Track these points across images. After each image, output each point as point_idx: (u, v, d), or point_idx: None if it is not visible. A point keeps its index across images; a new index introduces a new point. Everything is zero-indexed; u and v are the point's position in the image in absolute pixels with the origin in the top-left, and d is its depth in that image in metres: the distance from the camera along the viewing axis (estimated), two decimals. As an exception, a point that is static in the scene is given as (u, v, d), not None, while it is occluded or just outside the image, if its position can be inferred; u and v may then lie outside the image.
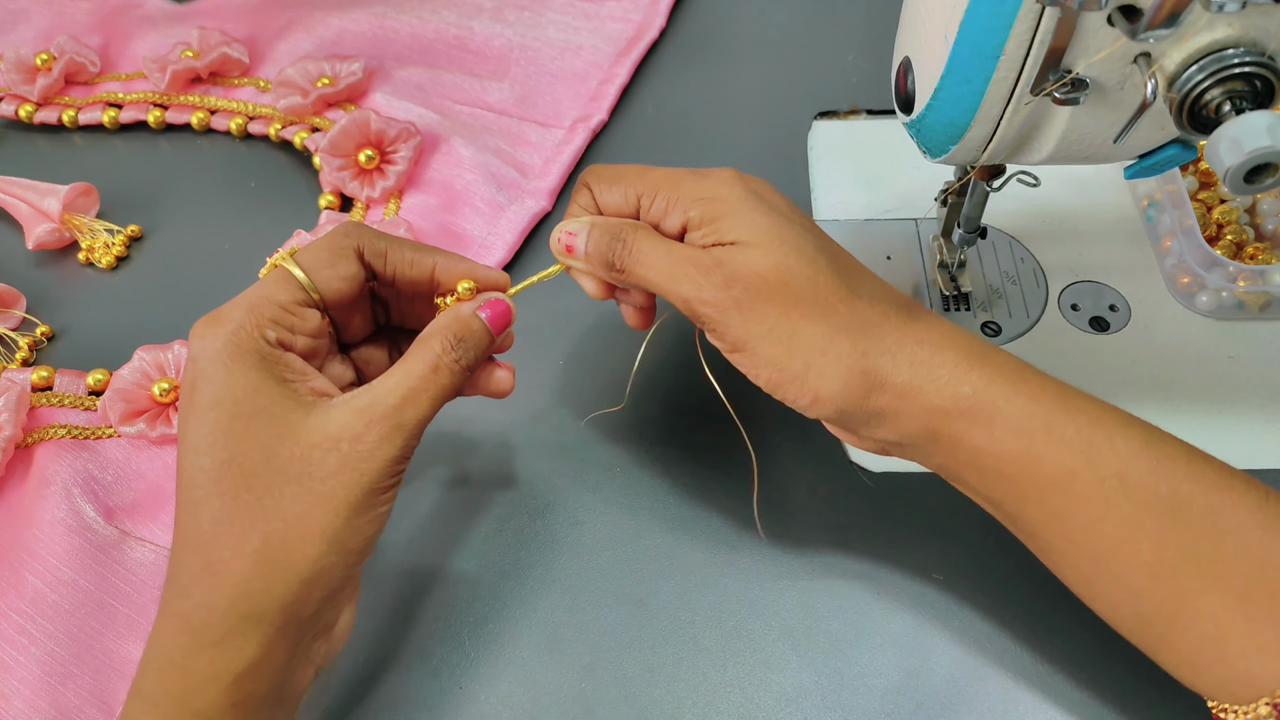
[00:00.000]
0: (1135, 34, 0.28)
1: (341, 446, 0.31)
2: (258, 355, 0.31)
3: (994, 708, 0.36)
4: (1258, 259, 0.47)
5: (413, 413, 0.32)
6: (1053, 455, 0.31)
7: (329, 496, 0.31)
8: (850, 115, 0.57)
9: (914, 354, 0.32)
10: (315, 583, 0.31)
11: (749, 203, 0.34)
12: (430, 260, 0.35)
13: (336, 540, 0.31)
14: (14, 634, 0.38)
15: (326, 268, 0.33)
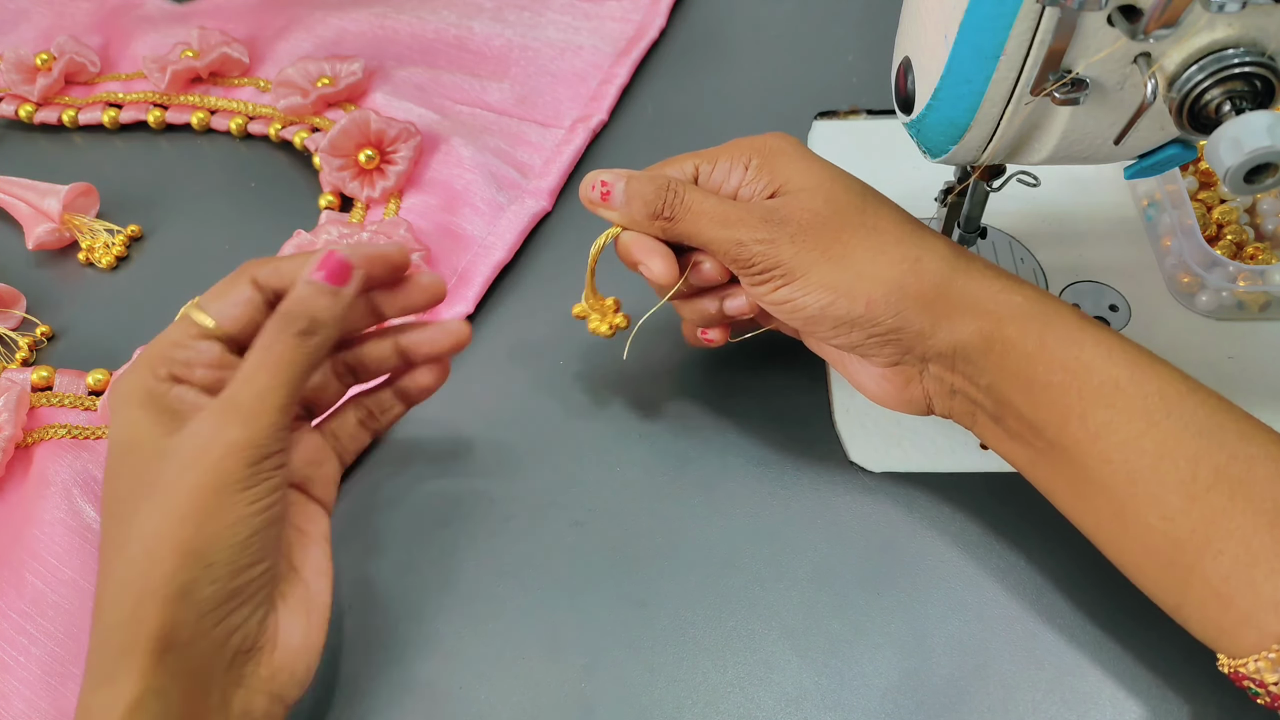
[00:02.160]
0: (1135, 34, 0.28)
1: (184, 446, 0.30)
2: (145, 393, 0.31)
3: (994, 707, 0.36)
4: (1258, 259, 0.47)
5: (248, 392, 0.30)
6: (1101, 365, 0.32)
7: (174, 506, 0.29)
8: (850, 115, 0.57)
9: (967, 264, 0.35)
10: (180, 602, 0.29)
11: (801, 151, 0.37)
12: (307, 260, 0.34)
13: (191, 552, 0.29)
14: (14, 634, 0.38)
15: (218, 300, 0.33)
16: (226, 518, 0.30)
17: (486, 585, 0.40)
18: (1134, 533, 0.32)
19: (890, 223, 0.35)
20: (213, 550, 0.29)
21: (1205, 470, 0.30)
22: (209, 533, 0.29)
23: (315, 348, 0.32)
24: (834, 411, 0.44)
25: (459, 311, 0.47)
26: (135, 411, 0.31)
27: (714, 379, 0.45)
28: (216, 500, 0.29)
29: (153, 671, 0.29)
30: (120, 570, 0.30)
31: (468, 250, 0.50)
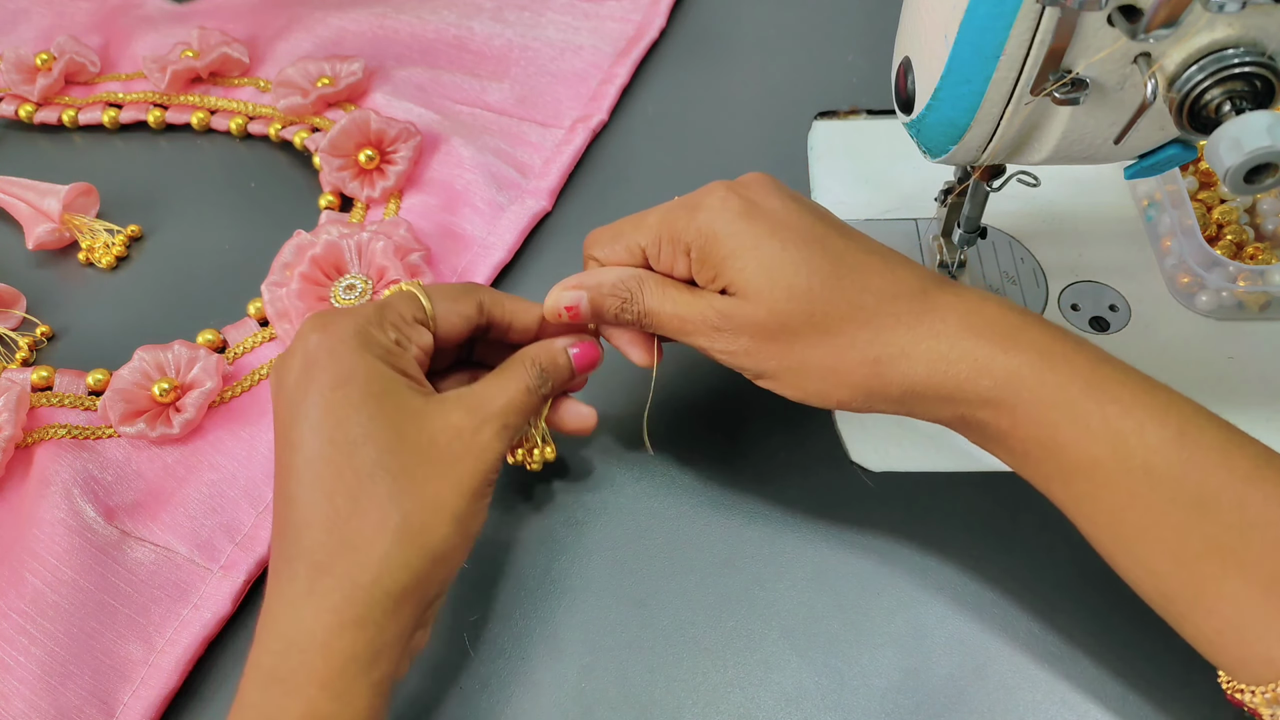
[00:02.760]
0: (1135, 34, 0.28)
1: (464, 435, 0.33)
2: (382, 348, 0.34)
3: (994, 707, 0.36)
4: (1258, 259, 0.47)
5: (514, 419, 0.35)
6: (1077, 444, 0.31)
7: (458, 480, 0.33)
8: (850, 115, 0.57)
9: (930, 350, 0.32)
10: (443, 562, 0.32)
11: (738, 238, 0.34)
12: (537, 313, 0.38)
13: (461, 521, 0.32)
14: (14, 634, 0.38)
15: (448, 301, 0.37)
16: (483, 503, 0.34)
17: (485, 585, 0.40)
18: (1125, 575, 0.32)
19: (841, 319, 0.33)
20: (473, 526, 0.33)
21: (1195, 541, 0.29)
22: (473, 511, 0.33)
23: (542, 401, 0.37)
24: (834, 411, 0.44)
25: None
26: (372, 359, 0.33)
27: (714, 379, 0.45)
28: (482, 489, 0.33)
29: (409, 619, 0.31)
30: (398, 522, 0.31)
31: (468, 250, 0.50)
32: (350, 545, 0.31)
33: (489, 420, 0.34)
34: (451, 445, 0.33)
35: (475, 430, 0.33)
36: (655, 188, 0.54)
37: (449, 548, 0.32)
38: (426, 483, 0.32)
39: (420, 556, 0.31)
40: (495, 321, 0.38)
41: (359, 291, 0.45)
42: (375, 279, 0.46)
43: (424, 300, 0.36)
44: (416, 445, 0.32)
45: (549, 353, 0.37)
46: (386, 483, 0.31)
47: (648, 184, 0.54)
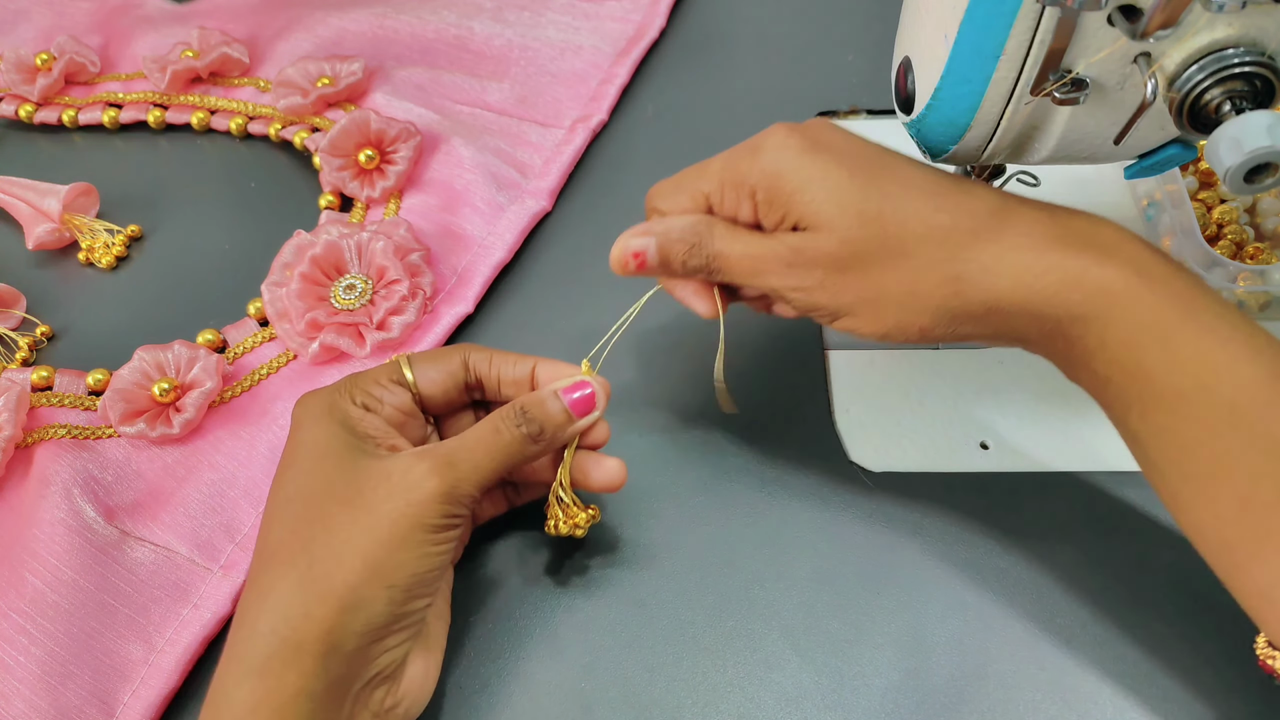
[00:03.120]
0: (1135, 34, 0.28)
1: (392, 477, 0.32)
2: (343, 413, 0.34)
3: (994, 707, 0.36)
4: (1258, 259, 0.47)
5: (467, 459, 0.33)
6: (1165, 373, 0.29)
7: (373, 525, 0.31)
8: (850, 115, 0.57)
9: (1014, 263, 0.31)
10: (354, 612, 0.30)
11: (804, 172, 0.33)
12: (530, 364, 0.37)
13: (377, 570, 0.31)
14: (14, 634, 0.38)
15: (429, 361, 0.37)
16: (414, 550, 0.32)
17: (486, 586, 0.40)
18: (1186, 522, 0.31)
19: (916, 239, 0.32)
20: (395, 574, 0.31)
21: (1266, 488, 0.28)
22: (397, 559, 0.31)
23: (534, 453, 0.35)
24: (834, 411, 0.44)
25: (459, 312, 0.47)
26: (331, 425, 0.34)
27: (714, 379, 0.45)
28: (411, 533, 0.31)
29: (310, 671, 0.30)
30: (302, 569, 0.31)
31: (468, 250, 0.50)
32: (260, 595, 0.31)
33: (427, 458, 0.32)
34: (376, 490, 0.32)
35: (406, 470, 0.32)
36: (655, 188, 0.54)
37: (357, 597, 0.30)
38: (339, 529, 0.31)
39: (321, 604, 0.30)
40: (483, 378, 0.37)
41: (359, 291, 0.45)
42: (375, 279, 0.46)
43: (404, 363, 0.36)
44: (343, 497, 0.32)
45: (536, 396, 0.35)
46: (303, 533, 0.32)
47: (648, 184, 0.54)
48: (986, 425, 0.43)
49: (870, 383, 0.45)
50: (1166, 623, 0.37)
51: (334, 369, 0.46)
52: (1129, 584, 0.38)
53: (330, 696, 0.30)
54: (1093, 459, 0.42)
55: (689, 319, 0.47)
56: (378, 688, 0.32)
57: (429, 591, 0.33)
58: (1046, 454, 0.42)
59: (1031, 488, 0.41)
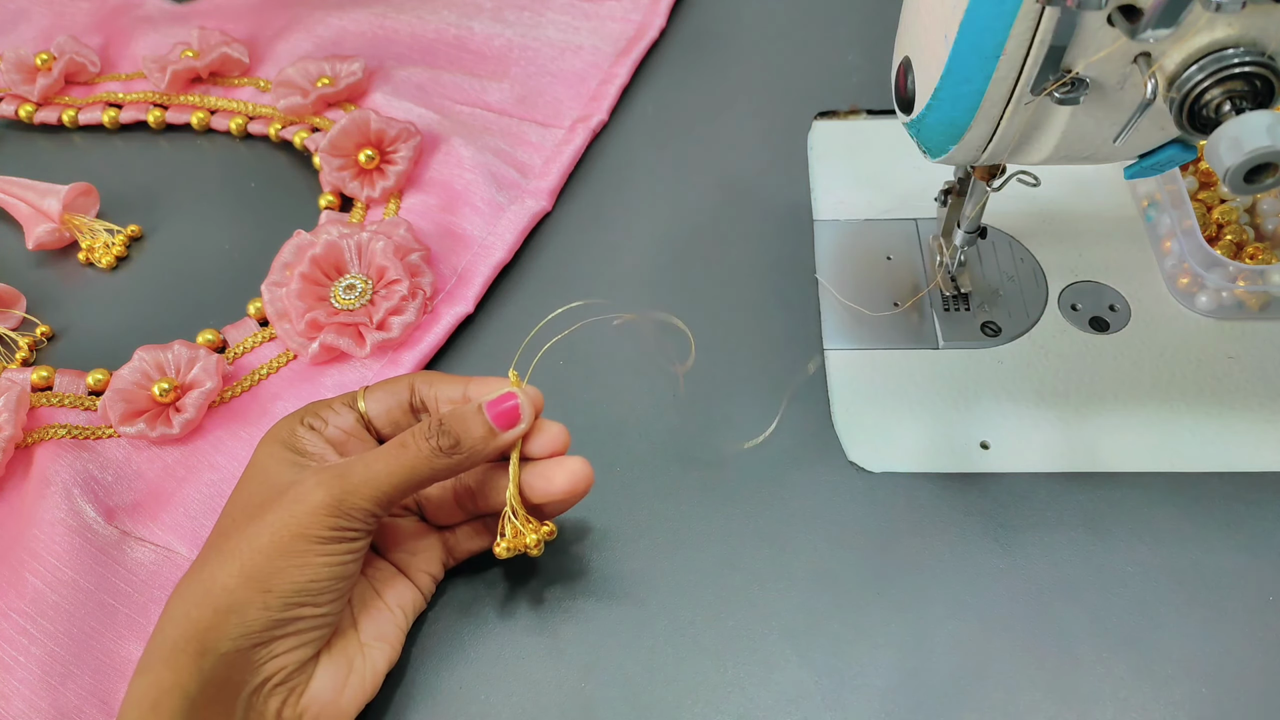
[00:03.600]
0: (1135, 34, 0.28)
1: (280, 488, 0.33)
2: (288, 431, 0.35)
3: (994, 707, 0.36)
4: (1258, 259, 0.47)
5: (361, 472, 0.33)
6: None
7: (257, 533, 0.32)
8: (850, 115, 0.57)
9: None
10: (228, 614, 0.31)
11: None
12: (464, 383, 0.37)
13: (253, 575, 0.32)
14: (14, 634, 0.38)
15: (381, 388, 0.37)
16: (295, 560, 0.32)
17: (486, 586, 0.40)
18: None
19: None
20: (273, 581, 0.32)
21: None
22: (275, 566, 0.32)
23: (446, 466, 0.34)
24: (834, 411, 0.44)
25: (459, 312, 0.47)
26: (273, 446, 0.35)
27: (713, 379, 0.45)
28: (291, 543, 0.32)
29: (185, 669, 0.31)
30: (194, 574, 0.33)
31: (468, 250, 0.50)
32: (169, 603, 0.33)
33: (320, 471, 0.33)
34: (266, 499, 0.33)
35: (297, 482, 0.33)
36: (655, 188, 0.54)
37: (232, 600, 0.31)
38: (234, 539, 0.33)
39: (198, 605, 0.32)
40: (425, 400, 0.37)
41: (359, 291, 0.45)
42: (375, 279, 0.46)
43: (360, 393, 0.37)
44: (250, 510, 0.33)
45: (456, 410, 0.35)
46: (210, 543, 0.34)
47: (648, 184, 0.54)
48: (986, 425, 0.43)
49: (870, 383, 0.45)
50: (1166, 622, 0.37)
51: (334, 369, 0.46)
52: (1129, 584, 0.38)
53: (211, 697, 0.31)
54: (1093, 459, 0.42)
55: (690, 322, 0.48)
56: (271, 695, 0.32)
57: (318, 601, 0.33)
58: (1046, 454, 0.42)
59: (1031, 488, 0.41)
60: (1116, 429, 0.43)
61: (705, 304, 0.48)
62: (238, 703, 0.32)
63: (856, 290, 0.48)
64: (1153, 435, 0.42)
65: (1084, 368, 0.45)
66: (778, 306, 0.48)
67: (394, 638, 0.36)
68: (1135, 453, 0.42)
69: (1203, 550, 0.39)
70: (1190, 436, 0.42)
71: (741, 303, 0.48)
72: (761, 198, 0.53)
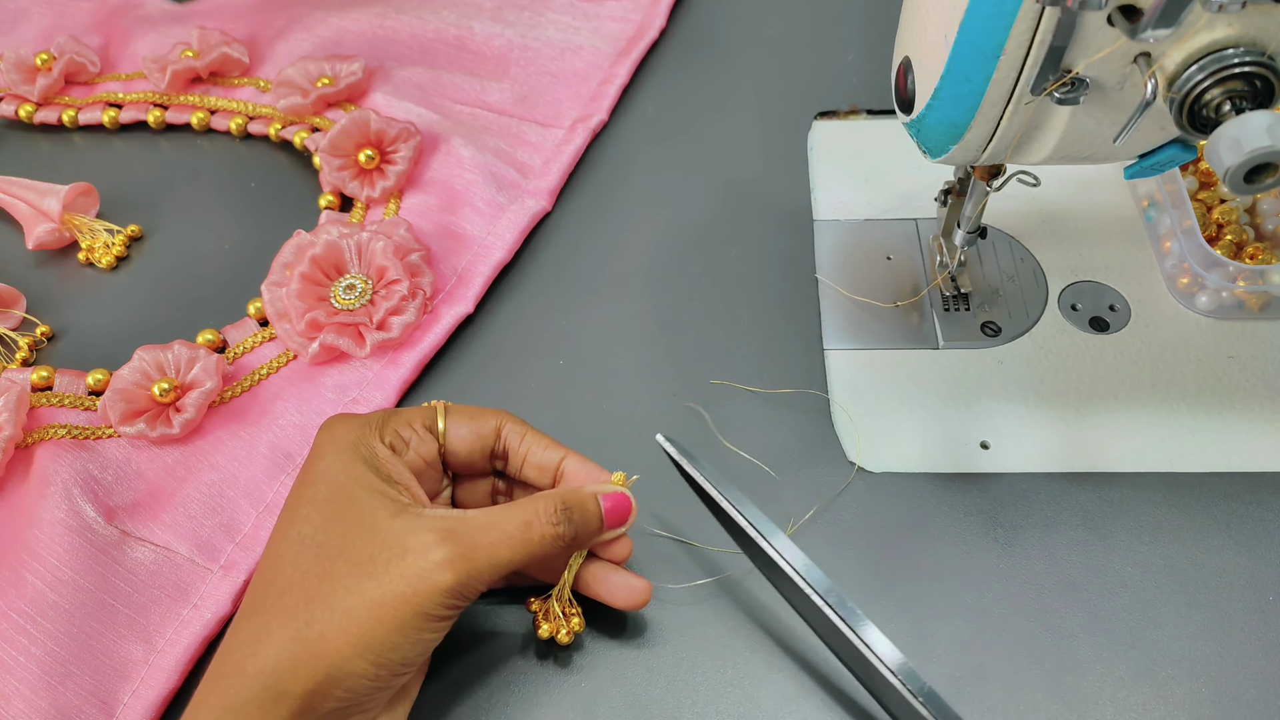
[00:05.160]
0: (1135, 34, 0.28)
1: (408, 557, 0.31)
2: (369, 450, 0.33)
3: (994, 707, 0.36)
4: (1258, 259, 0.47)
5: (488, 552, 0.32)
6: None
7: (377, 605, 0.30)
8: (850, 115, 0.57)
9: None
10: (338, 683, 0.30)
11: None
12: (559, 454, 0.36)
13: (371, 650, 0.30)
14: (14, 634, 0.38)
15: (464, 415, 0.36)
16: (409, 635, 0.31)
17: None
18: None
19: None
20: (384, 653, 0.31)
21: None
22: (393, 641, 0.30)
23: (559, 550, 0.34)
24: (834, 411, 0.44)
25: (459, 312, 0.47)
26: (354, 462, 0.33)
27: (714, 379, 0.45)
28: (410, 619, 0.31)
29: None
30: (301, 625, 0.31)
31: (468, 250, 0.50)
32: (254, 635, 0.31)
33: (447, 545, 0.31)
34: (389, 564, 0.31)
35: (423, 553, 0.31)
36: (655, 188, 0.54)
37: (346, 671, 0.30)
38: (345, 596, 0.31)
39: (309, 664, 0.30)
40: (511, 452, 0.36)
41: (359, 291, 0.45)
42: (375, 279, 0.46)
43: (440, 412, 0.36)
44: (355, 555, 0.31)
45: (576, 494, 0.34)
46: (310, 587, 0.31)
47: (648, 184, 0.54)
48: (986, 425, 0.43)
49: (870, 383, 0.45)
50: (1166, 622, 0.37)
51: (334, 369, 0.46)
52: (1128, 584, 0.38)
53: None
54: (1093, 459, 0.42)
55: (690, 322, 0.48)
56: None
57: (409, 671, 0.32)
58: (1046, 454, 0.42)
59: (1031, 488, 0.41)
60: (1116, 429, 0.43)
61: (705, 304, 0.48)
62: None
63: (856, 291, 0.48)
64: (1153, 435, 0.42)
65: (1084, 368, 0.45)
66: (778, 306, 0.48)
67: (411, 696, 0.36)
68: (1135, 453, 0.42)
69: (1203, 550, 0.39)
70: (1190, 436, 0.42)
71: (741, 303, 0.48)
72: (761, 198, 0.53)
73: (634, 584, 0.36)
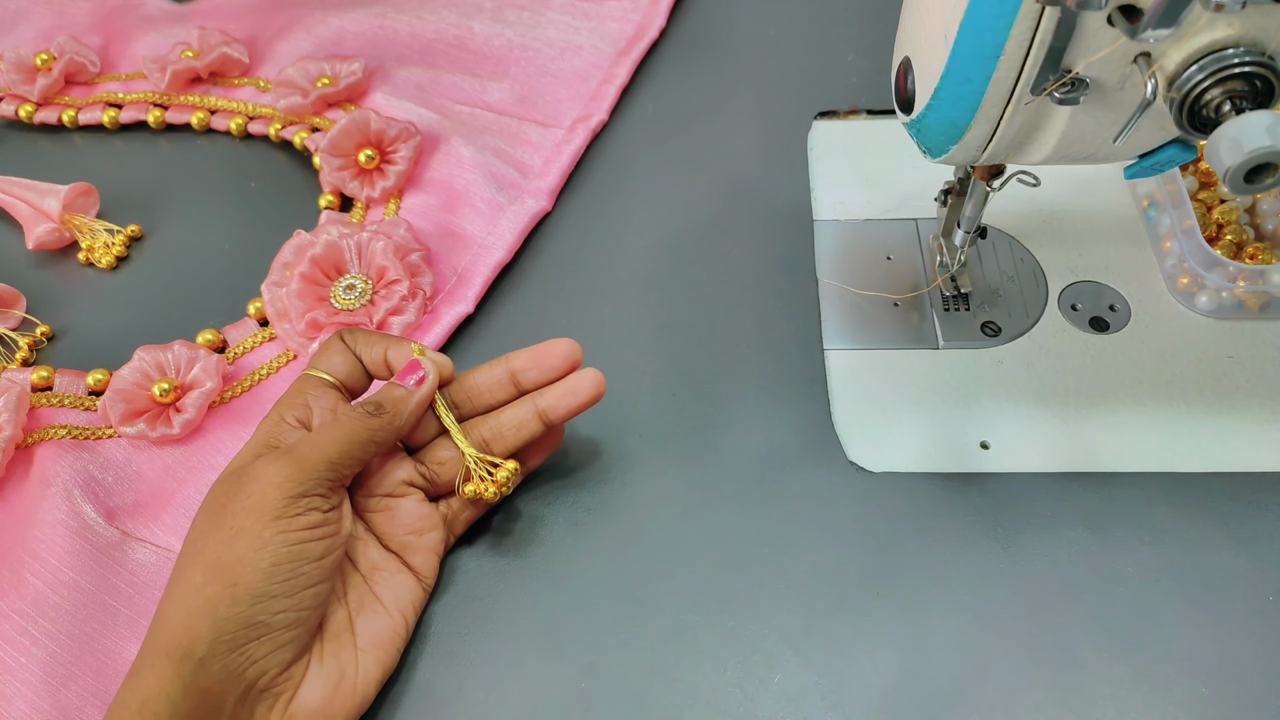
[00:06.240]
0: (1135, 34, 0.28)
1: (240, 483, 0.33)
2: (267, 430, 0.36)
3: (994, 707, 0.36)
4: (1258, 259, 0.47)
5: (310, 443, 0.34)
6: None
7: (218, 523, 0.32)
8: (850, 115, 0.57)
9: None
10: (202, 615, 0.31)
11: None
12: (383, 347, 0.38)
13: (219, 568, 0.31)
14: (15, 635, 0.38)
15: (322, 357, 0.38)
16: (254, 540, 0.32)
17: (486, 586, 0.40)
18: None
19: None
20: (238, 570, 0.31)
21: None
22: (238, 552, 0.31)
23: (381, 425, 0.36)
24: (834, 411, 0.44)
25: (459, 312, 0.47)
26: (252, 445, 0.35)
27: (713, 379, 0.45)
28: (250, 522, 0.32)
29: (167, 676, 0.31)
30: (173, 579, 0.33)
31: (468, 250, 0.50)
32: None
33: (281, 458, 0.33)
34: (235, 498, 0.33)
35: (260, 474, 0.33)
36: (655, 188, 0.54)
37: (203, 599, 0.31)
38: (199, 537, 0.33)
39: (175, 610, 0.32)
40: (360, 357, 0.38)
41: (359, 291, 0.45)
42: (375, 279, 0.46)
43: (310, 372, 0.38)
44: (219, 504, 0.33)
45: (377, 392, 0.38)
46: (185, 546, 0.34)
47: (648, 184, 0.54)
48: (986, 425, 0.43)
49: (870, 383, 0.45)
50: (1166, 622, 0.37)
51: (334, 369, 0.46)
52: (1129, 584, 0.38)
53: (195, 704, 0.31)
54: (1093, 459, 0.42)
55: (690, 322, 0.48)
56: (259, 702, 0.32)
57: (287, 591, 0.32)
58: (1046, 454, 0.42)
59: (1031, 488, 0.41)
60: (1116, 429, 0.43)
61: (705, 304, 0.48)
62: (223, 711, 0.31)
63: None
64: (1153, 435, 0.42)
65: (1084, 368, 0.45)
66: (778, 306, 0.48)
67: (391, 644, 0.36)
68: (1135, 453, 0.42)
69: (1203, 550, 0.39)
70: (1190, 436, 0.42)
71: (741, 303, 0.48)
72: (761, 197, 0.53)
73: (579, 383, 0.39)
